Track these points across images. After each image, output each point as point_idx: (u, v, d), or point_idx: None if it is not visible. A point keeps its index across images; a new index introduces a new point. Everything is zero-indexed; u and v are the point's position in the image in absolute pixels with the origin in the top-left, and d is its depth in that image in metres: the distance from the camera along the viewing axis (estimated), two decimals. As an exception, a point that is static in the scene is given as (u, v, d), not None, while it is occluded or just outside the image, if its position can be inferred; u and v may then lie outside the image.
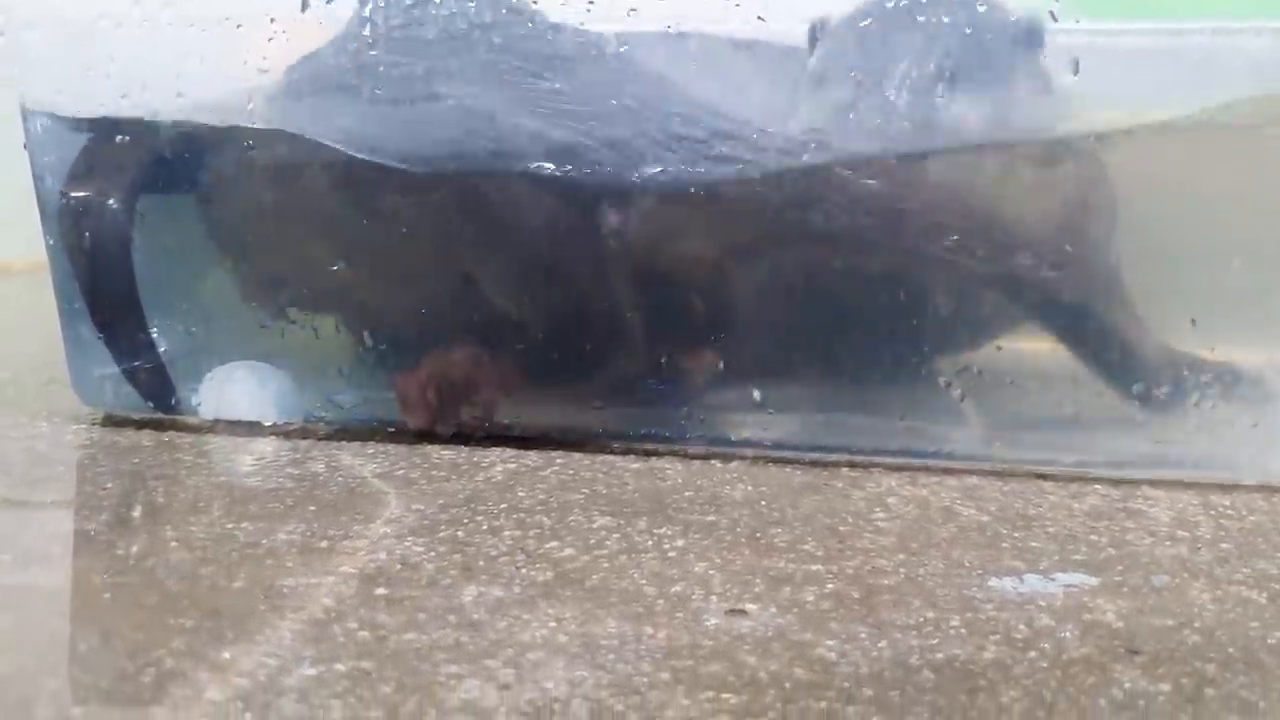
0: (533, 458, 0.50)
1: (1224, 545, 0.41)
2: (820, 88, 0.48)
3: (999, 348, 0.49)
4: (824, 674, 0.31)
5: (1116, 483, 0.47)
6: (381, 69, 0.49)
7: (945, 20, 0.47)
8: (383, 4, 0.49)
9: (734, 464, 0.50)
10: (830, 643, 0.33)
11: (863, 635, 0.33)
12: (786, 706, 0.29)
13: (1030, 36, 0.46)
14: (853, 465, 0.49)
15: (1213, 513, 0.44)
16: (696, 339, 0.51)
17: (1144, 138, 0.49)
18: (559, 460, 0.50)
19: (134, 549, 0.39)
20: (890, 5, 0.48)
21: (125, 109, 0.52)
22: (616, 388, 0.52)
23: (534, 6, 0.49)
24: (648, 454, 0.51)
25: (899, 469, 0.49)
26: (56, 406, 0.58)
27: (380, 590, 0.36)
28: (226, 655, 0.32)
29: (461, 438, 0.52)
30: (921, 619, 0.34)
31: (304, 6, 0.50)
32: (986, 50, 0.47)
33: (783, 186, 0.48)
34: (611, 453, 0.51)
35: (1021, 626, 0.34)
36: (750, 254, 0.51)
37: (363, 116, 0.50)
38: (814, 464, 0.49)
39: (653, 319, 0.51)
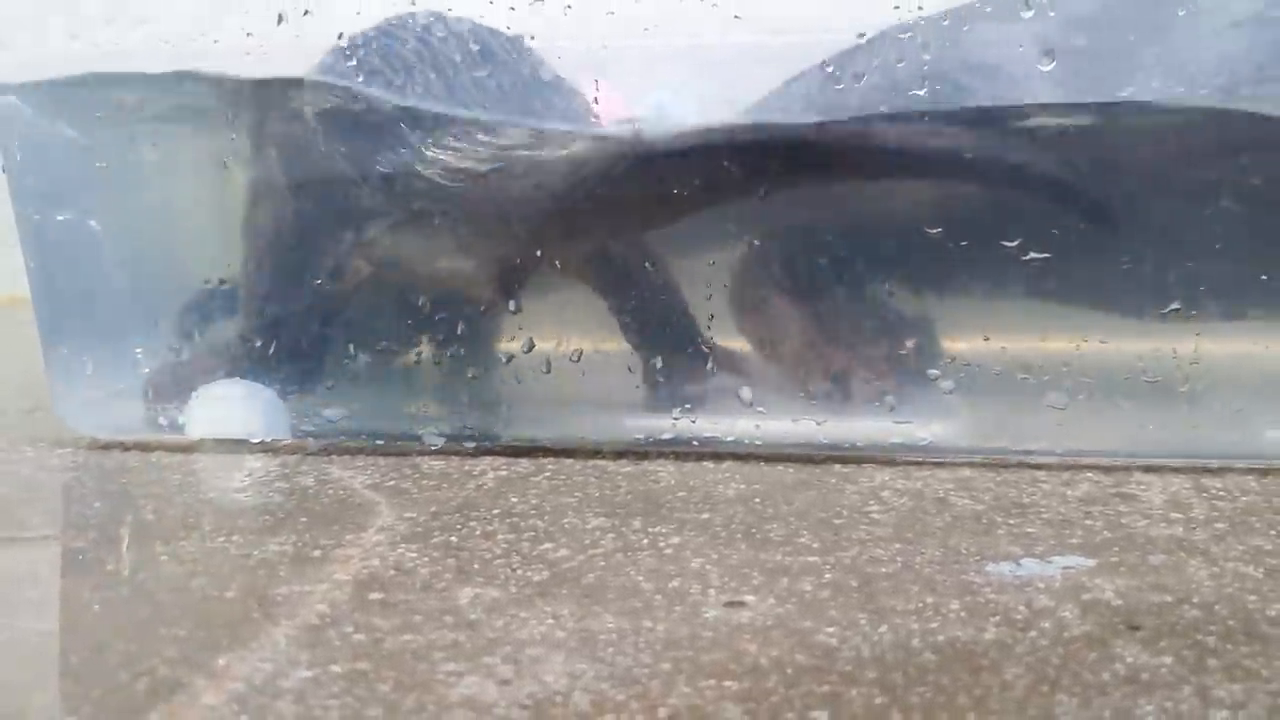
0: (524, 464, 0.50)
1: (1218, 525, 0.41)
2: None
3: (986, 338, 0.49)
4: (826, 659, 0.31)
5: (1108, 469, 0.47)
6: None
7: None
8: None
9: (726, 463, 0.49)
10: (830, 629, 0.33)
11: (863, 621, 0.33)
12: (789, 691, 0.29)
13: None
14: (844, 461, 0.49)
15: (1205, 494, 0.44)
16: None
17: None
18: (550, 466, 0.50)
19: (124, 564, 0.39)
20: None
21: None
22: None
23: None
24: (639, 457, 0.51)
25: (891, 463, 0.49)
26: (40, 432, 0.57)
27: (375, 595, 0.36)
28: (221, 662, 0.31)
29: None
30: (921, 604, 0.34)
31: (279, 20, 0.50)
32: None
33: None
34: (603, 457, 0.51)
35: (1021, 608, 0.34)
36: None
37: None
38: (806, 461, 0.49)
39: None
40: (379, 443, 0.54)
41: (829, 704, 0.28)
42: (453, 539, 0.41)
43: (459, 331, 0.52)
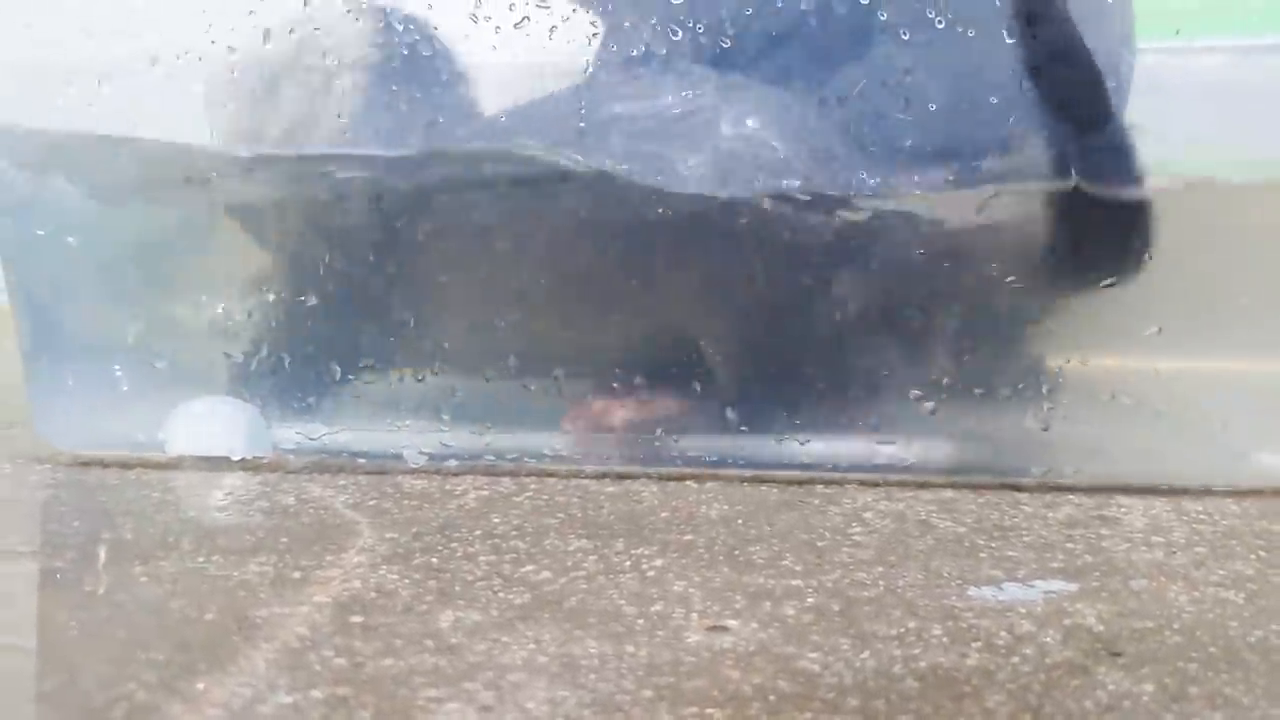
0: (506, 484, 0.50)
1: (1199, 549, 0.41)
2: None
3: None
4: (808, 685, 0.31)
5: (1090, 491, 0.47)
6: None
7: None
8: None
9: (709, 484, 0.49)
10: (813, 655, 0.33)
11: (845, 646, 0.33)
12: (772, 718, 0.29)
13: None
14: (827, 483, 0.49)
15: (1186, 518, 0.44)
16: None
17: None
18: (533, 486, 0.50)
19: (101, 585, 0.39)
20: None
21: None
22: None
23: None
24: (622, 477, 0.50)
25: (874, 485, 0.49)
26: (19, 449, 0.57)
27: (355, 618, 0.35)
28: (199, 686, 0.31)
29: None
30: (903, 629, 0.34)
31: (265, 39, 0.50)
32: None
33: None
34: (585, 477, 0.51)
35: (1003, 633, 0.34)
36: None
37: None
38: (789, 482, 0.49)
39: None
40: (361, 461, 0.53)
41: (811, 732, 0.28)
42: (434, 560, 0.40)
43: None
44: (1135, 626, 0.34)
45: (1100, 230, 0.48)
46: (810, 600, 0.36)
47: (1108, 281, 0.48)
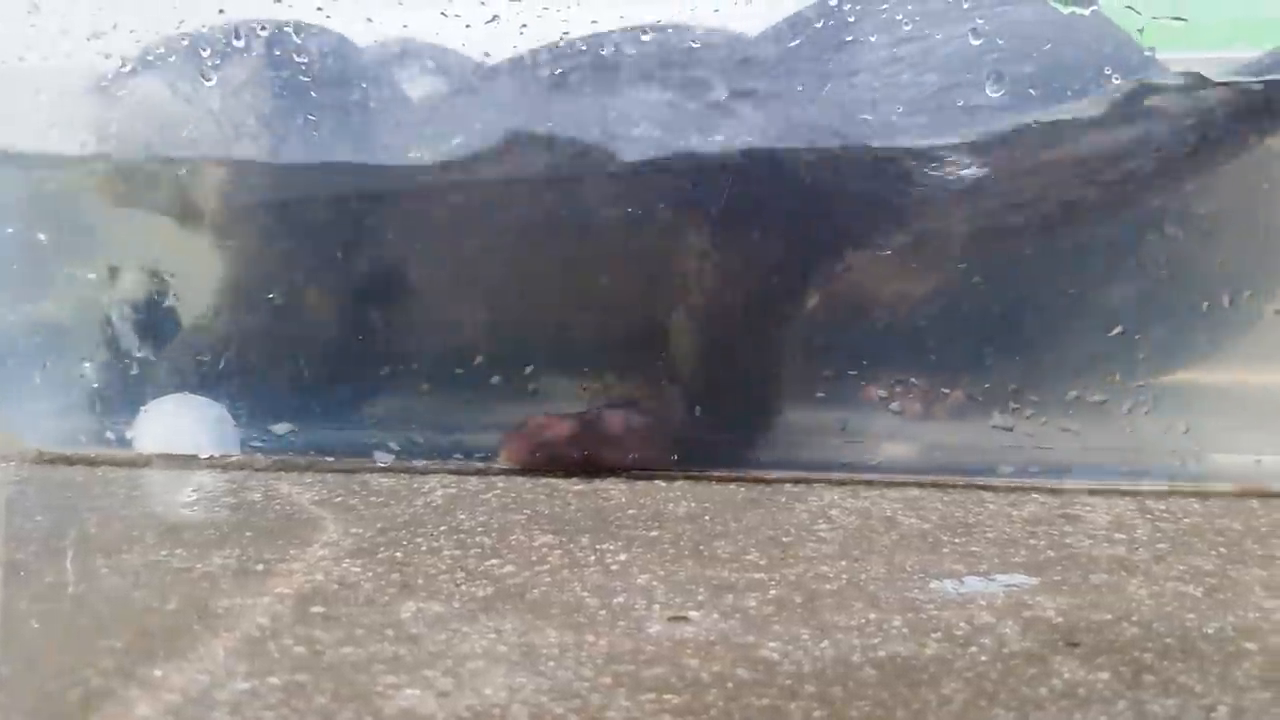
0: (473, 482, 0.50)
1: (1160, 545, 0.41)
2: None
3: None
4: (766, 673, 0.31)
5: (1055, 491, 0.48)
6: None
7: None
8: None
9: (678, 482, 0.49)
10: (773, 644, 0.33)
11: (805, 636, 0.33)
12: (729, 704, 0.29)
13: None
14: (795, 481, 0.49)
15: (1149, 516, 0.44)
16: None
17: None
18: (500, 484, 0.50)
19: (64, 576, 0.39)
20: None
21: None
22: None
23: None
24: (590, 475, 0.50)
25: (841, 483, 0.49)
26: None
27: (317, 609, 0.35)
28: (157, 673, 0.31)
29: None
30: (864, 620, 0.34)
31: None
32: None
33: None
34: (554, 475, 0.51)
35: (962, 624, 0.34)
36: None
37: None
38: (757, 480, 0.49)
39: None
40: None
41: (768, 717, 0.28)
42: (398, 554, 0.40)
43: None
44: (1093, 619, 0.34)
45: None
46: (773, 593, 0.37)
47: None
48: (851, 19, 0.48)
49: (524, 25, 0.48)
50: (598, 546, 0.41)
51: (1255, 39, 0.49)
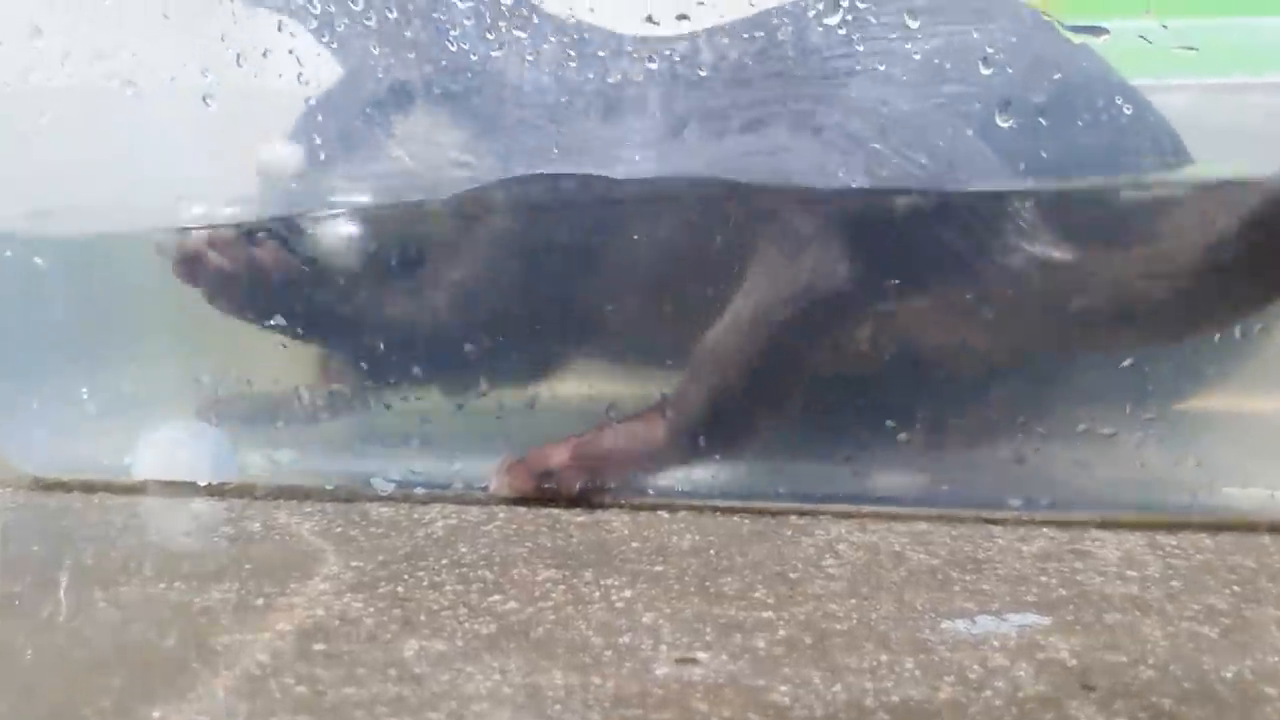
0: (474, 513, 0.49)
1: (1173, 583, 0.40)
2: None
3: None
4: (777, 718, 0.30)
5: (1064, 525, 0.47)
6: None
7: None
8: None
9: (681, 514, 0.49)
10: (784, 688, 0.32)
11: (816, 680, 0.33)
12: (740, 751, 0.28)
13: None
14: (800, 513, 0.49)
15: (1160, 552, 0.44)
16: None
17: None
18: (501, 515, 0.49)
19: (60, 610, 0.38)
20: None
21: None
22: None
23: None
24: (593, 506, 0.50)
25: (847, 516, 0.48)
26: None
27: (318, 646, 0.35)
28: (156, 714, 0.30)
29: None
30: (875, 662, 0.34)
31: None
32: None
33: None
34: (555, 506, 0.50)
35: (975, 666, 0.33)
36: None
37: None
38: (762, 512, 0.49)
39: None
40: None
41: (780, 765, 0.28)
42: (399, 589, 0.40)
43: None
44: (1108, 660, 0.34)
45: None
46: (782, 632, 0.36)
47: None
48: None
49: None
50: (602, 582, 0.41)
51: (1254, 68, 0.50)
